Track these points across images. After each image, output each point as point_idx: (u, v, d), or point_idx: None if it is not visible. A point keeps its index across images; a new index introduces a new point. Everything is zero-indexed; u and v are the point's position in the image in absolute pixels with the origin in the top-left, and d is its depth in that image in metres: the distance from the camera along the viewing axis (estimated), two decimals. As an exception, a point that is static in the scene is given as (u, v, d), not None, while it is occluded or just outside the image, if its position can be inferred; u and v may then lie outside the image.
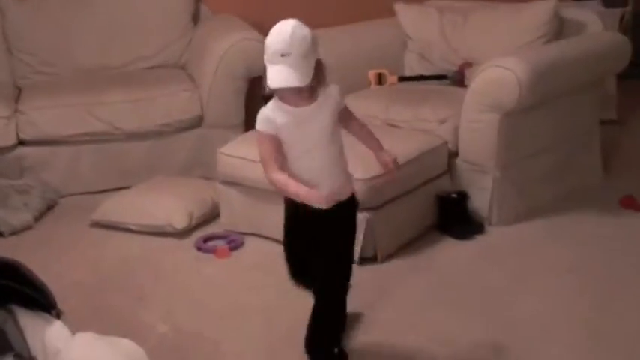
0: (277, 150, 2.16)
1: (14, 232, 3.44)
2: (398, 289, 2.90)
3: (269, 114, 2.16)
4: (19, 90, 4.11)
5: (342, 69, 3.80)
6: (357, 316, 2.69)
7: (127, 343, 1.92)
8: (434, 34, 3.99)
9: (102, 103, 3.85)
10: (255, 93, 4.28)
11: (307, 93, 2.15)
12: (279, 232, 3.18)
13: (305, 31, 2.11)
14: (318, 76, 2.14)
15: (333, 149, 2.23)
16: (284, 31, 2.08)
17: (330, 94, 2.20)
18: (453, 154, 3.38)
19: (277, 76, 2.07)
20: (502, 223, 3.35)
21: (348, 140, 3.26)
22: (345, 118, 2.28)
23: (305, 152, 2.18)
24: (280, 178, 2.15)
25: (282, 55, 2.06)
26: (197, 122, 3.96)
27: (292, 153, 2.19)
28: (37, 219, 3.56)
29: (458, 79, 3.76)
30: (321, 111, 2.18)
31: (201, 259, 3.17)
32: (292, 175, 2.17)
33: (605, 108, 4.16)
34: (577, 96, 3.59)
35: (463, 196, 3.33)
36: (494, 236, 3.28)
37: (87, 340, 1.91)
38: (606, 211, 3.47)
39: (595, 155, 3.82)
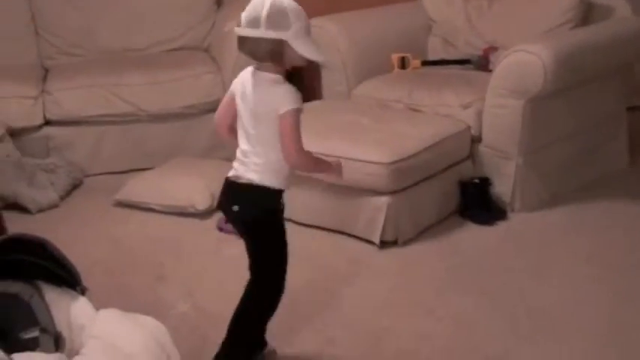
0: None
1: (41, 210, 3.49)
2: (418, 273, 2.90)
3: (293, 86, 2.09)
4: (45, 71, 4.16)
5: (366, 52, 3.82)
6: (377, 299, 2.70)
7: (149, 320, 1.95)
8: (458, 18, 3.97)
9: (126, 85, 3.88)
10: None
11: None
12: (300, 214, 3.22)
13: None
14: None
15: None
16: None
17: None
18: (476, 140, 3.36)
19: (318, 48, 2.07)
20: (525, 209, 3.34)
21: (365, 125, 3.27)
22: None
23: None
24: (312, 154, 2.13)
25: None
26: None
27: None
28: (63, 197, 3.61)
29: (482, 63, 3.74)
30: None
31: (222, 239, 3.19)
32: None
33: (633, 94, 4.12)
34: (604, 82, 3.56)
35: (485, 182, 3.32)
36: (516, 223, 3.27)
37: (111, 316, 1.94)
38: (631, 199, 3.44)
39: (621, 142, 3.78)
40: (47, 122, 3.84)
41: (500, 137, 3.30)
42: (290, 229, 3.17)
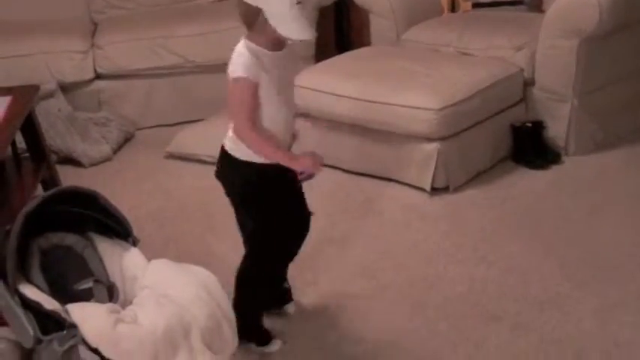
0: (256, 103, 1.99)
1: (94, 164, 3.55)
2: (470, 219, 2.87)
3: (251, 57, 1.95)
4: (95, 25, 4.18)
5: (415, -4, 3.74)
6: (429, 246, 2.69)
7: (200, 270, 1.97)
8: (510, -43, 3.85)
9: (174, 37, 3.89)
10: (326, 23, 4.25)
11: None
12: (350, 163, 3.20)
13: None
14: None
15: (294, 101, 2.11)
16: None
17: (295, 45, 2.04)
18: (529, 82, 3.28)
19: (299, 27, 1.90)
20: (579, 152, 3.27)
21: (414, 70, 3.21)
22: None
23: (280, 100, 2.03)
24: (257, 137, 2.01)
25: (299, 3, 1.89)
26: (268, 54, 3.95)
27: (269, 101, 2.01)
28: (115, 151, 3.66)
29: (535, 4, 3.64)
30: (292, 58, 2.07)
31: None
32: (262, 127, 2.04)
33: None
34: (662, 19, 3.43)
35: (539, 125, 3.25)
36: (571, 166, 3.21)
37: (162, 266, 1.96)
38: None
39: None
40: (98, 76, 3.88)
41: (554, 79, 3.21)
42: (341, 177, 3.21)
